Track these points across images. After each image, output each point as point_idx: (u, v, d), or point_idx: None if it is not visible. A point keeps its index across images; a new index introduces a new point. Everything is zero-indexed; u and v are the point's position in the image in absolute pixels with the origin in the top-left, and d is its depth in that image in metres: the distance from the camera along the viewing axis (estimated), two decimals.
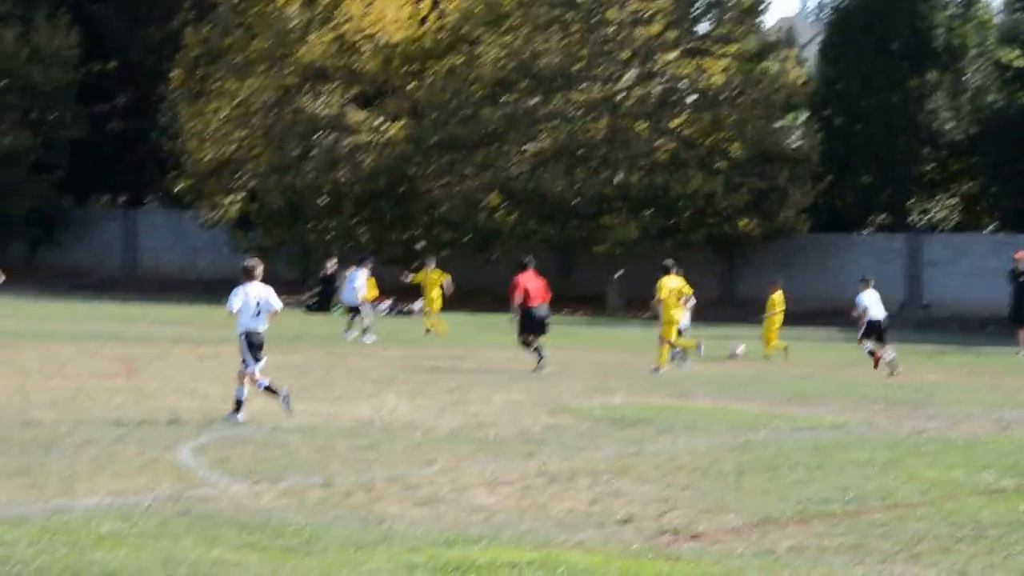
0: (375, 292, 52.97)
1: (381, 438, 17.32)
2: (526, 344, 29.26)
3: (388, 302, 55.09)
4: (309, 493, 13.28)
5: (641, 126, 62.69)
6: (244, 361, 19.50)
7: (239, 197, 67.04)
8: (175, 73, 67.52)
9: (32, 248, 75.13)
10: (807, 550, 11.34)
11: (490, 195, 63.30)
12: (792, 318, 55.57)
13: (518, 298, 29.22)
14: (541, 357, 28.75)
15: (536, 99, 63.41)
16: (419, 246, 64.11)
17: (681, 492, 14.04)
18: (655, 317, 31.18)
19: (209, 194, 67.22)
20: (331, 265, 56.49)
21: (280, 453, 15.79)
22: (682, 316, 31.10)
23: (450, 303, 43.85)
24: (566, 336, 40.67)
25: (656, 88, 63.05)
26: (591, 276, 64.24)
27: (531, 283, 29.59)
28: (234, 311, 19.65)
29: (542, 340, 29.14)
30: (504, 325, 31.00)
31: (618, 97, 63.04)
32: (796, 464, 16.16)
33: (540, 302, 29.50)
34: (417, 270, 44.93)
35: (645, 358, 31.49)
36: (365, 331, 38.04)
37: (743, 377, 29.26)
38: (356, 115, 65.37)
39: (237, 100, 66.65)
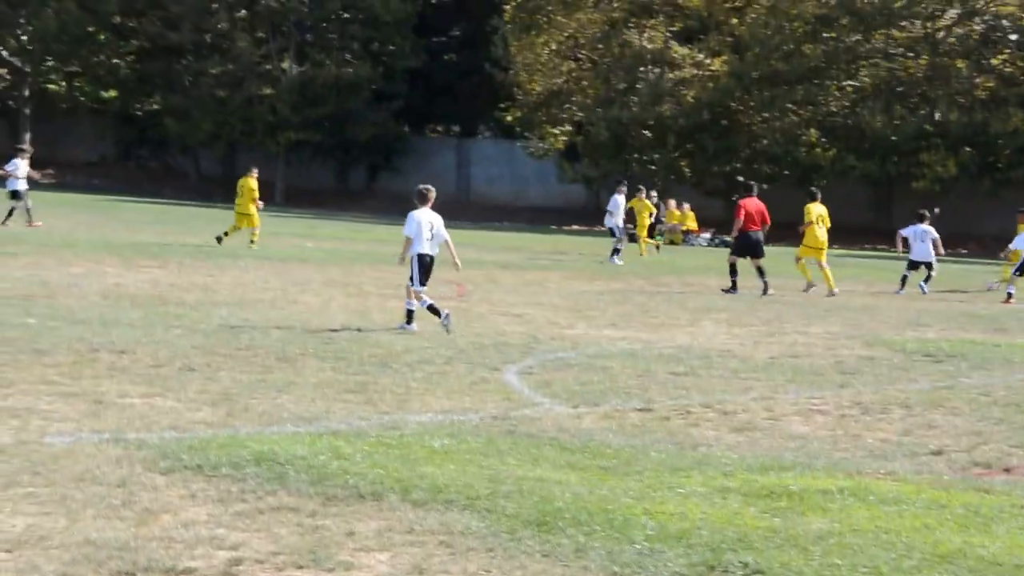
0: (694, 224, 53.46)
1: (698, 365, 17.55)
2: (732, 266, 30.00)
3: (707, 234, 55.44)
4: (628, 416, 13.61)
5: (961, 64, 61.81)
6: (411, 279, 20.23)
7: (566, 128, 68.11)
8: (508, 6, 68.75)
9: (371, 174, 77.71)
10: None
11: (810, 130, 63.10)
12: None
13: (738, 221, 30.20)
14: (765, 283, 29.61)
15: (857, 36, 62.91)
16: (740, 179, 64.24)
17: (994, 426, 13.98)
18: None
19: (538, 125, 68.41)
20: (654, 196, 56.94)
21: (601, 377, 16.13)
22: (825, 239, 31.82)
23: (769, 236, 44.01)
24: (883, 270, 40.32)
25: (978, 26, 61.90)
26: (909, 212, 63.66)
27: (752, 208, 30.41)
28: (410, 236, 20.31)
29: (762, 263, 29.99)
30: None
31: (939, 35, 62.21)
32: None
33: (757, 228, 30.27)
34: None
35: (959, 294, 31.34)
36: (616, 252, 38.96)
37: None
38: (680, 50, 65.72)
39: (566, 33, 67.55)
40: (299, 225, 50.90)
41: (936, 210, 37.06)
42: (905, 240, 34.49)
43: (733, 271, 30.07)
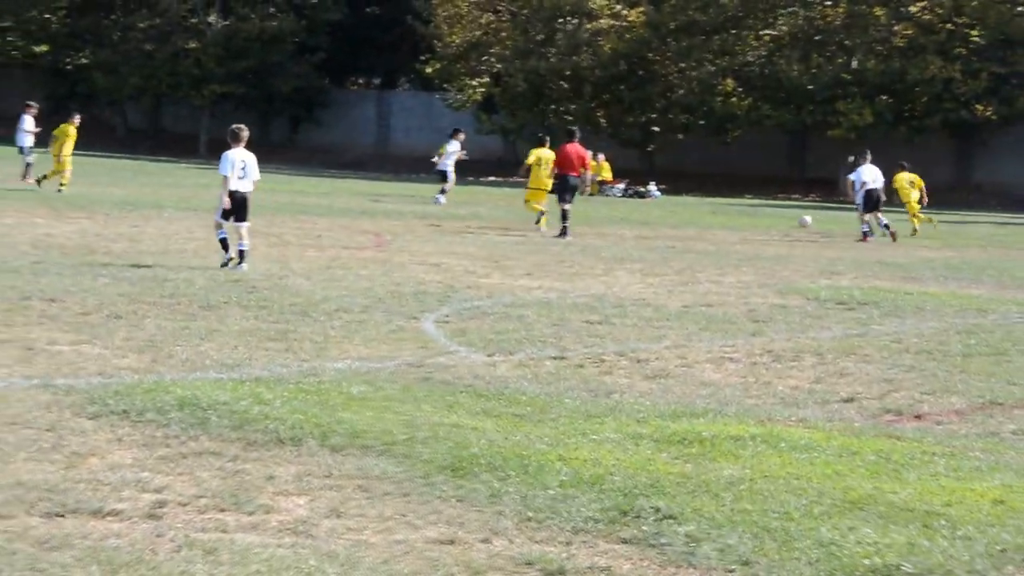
0: (609, 174, 53.62)
1: (613, 314, 17.75)
2: (564, 211, 31.26)
3: (621, 184, 55.76)
4: (542, 364, 13.76)
5: (880, 11, 61.99)
6: (217, 211, 21.26)
7: (484, 80, 68.10)
8: None
9: (293, 126, 77.64)
10: None
11: (726, 80, 63.27)
12: None
13: (555, 167, 32.00)
14: (564, 227, 30.90)
15: None
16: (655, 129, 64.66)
17: (905, 373, 14.20)
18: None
19: (457, 77, 68.29)
20: None
21: (516, 326, 16.32)
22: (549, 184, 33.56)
23: (684, 187, 44.51)
24: (796, 219, 40.74)
25: None
26: (824, 160, 64.39)
27: (572, 153, 31.80)
28: (226, 175, 21.00)
29: (568, 207, 31.25)
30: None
31: None
32: None
33: (573, 172, 31.63)
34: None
35: (875, 242, 32.16)
36: (442, 192, 40.87)
37: (975, 262, 29.17)
38: (598, 1, 65.69)
39: None
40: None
41: (850, 159, 37.79)
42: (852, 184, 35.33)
43: (564, 214, 31.24)
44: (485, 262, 23.94)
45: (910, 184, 37.00)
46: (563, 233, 30.77)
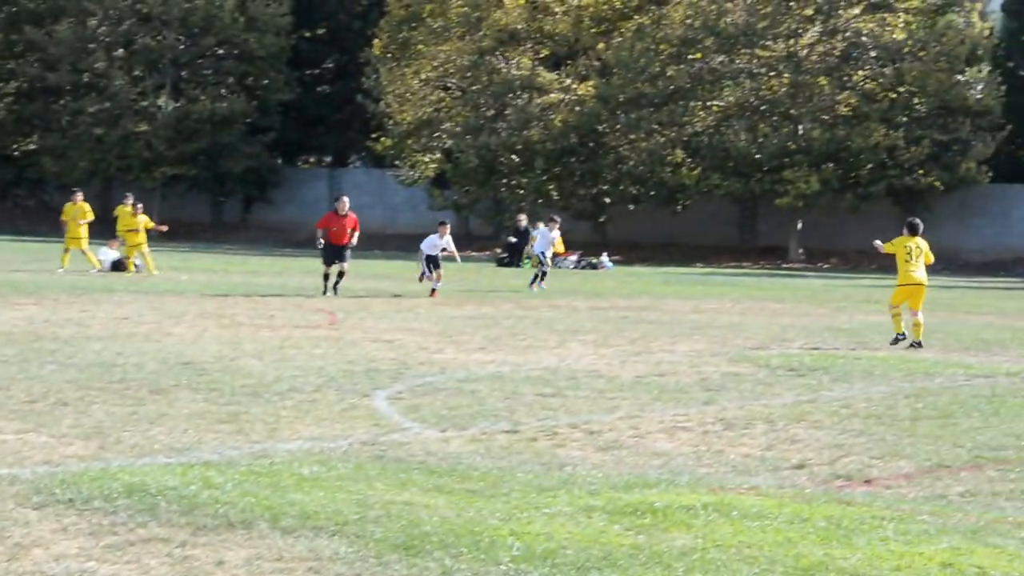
0: (561, 247, 53.79)
1: (565, 386, 17.77)
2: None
3: (574, 256, 55.95)
4: (495, 439, 13.76)
5: (823, 81, 63.26)
6: None
7: (436, 156, 68.56)
8: (378, 38, 69.22)
9: (246, 206, 77.86)
10: (979, 495, 11.51)
11: (675, 151, 64.05)
12: (973, 268, 55.61)
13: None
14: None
15: (721, 57, 63.99)
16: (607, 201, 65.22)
17: (855, 438, 14.26)
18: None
19: (408, 154, 68.75)
20: (522, 220, 57.32)
21: (469, 401, 16.32)
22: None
23: (636, 257, 44.64)
24: (747, 287, 40.96)
25: (839, 43, 63.47)
26: (773, 228, 65.41)
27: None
28: None
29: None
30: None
31: (801, 53, 63.62)
32: (971, 411, 16.33)
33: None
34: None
35: (824, 308, 32.43)
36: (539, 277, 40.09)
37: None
38: (547, 75, 66.44)
39: (435, 63, 67.99)
40: (174, 258, 50.67)
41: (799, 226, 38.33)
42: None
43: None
44: (438, 337, 23.94)
45: None
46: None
